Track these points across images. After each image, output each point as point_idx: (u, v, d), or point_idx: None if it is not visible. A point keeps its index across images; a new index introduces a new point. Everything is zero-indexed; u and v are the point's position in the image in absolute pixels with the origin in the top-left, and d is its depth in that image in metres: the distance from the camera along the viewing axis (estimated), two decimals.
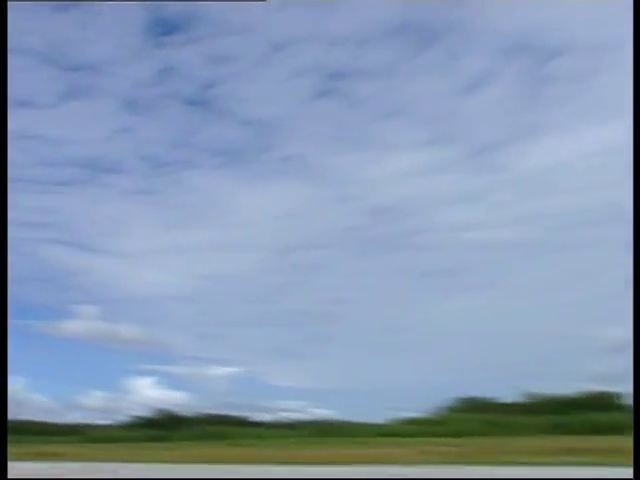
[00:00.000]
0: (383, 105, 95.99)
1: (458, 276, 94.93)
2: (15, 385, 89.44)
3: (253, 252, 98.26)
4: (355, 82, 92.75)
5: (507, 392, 71.85)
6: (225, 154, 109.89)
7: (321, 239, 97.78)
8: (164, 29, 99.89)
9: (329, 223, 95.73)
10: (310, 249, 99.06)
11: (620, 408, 57.20)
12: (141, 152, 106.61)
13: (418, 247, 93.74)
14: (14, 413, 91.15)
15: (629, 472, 9.36)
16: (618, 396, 62.35)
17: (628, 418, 35.48)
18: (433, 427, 59.76)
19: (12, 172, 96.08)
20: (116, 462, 32.56)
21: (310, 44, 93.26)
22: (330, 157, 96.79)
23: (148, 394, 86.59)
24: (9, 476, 11.31)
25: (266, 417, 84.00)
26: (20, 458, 36.88)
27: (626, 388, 56.06)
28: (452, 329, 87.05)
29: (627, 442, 10.83)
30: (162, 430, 72.14)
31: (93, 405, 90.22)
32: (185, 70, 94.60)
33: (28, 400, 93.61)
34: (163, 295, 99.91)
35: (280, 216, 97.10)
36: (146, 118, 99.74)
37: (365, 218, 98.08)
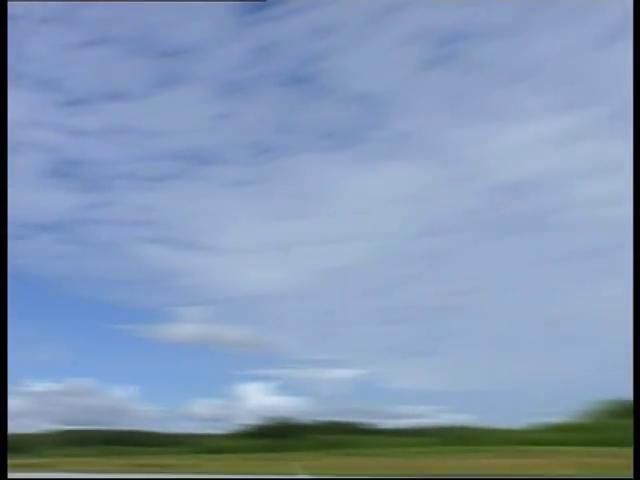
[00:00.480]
0: (506, 68, 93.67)
1: (606, 258, 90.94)
2: (125, 393, 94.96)
3: (368, 242, 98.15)
4: (473, 45, 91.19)
5: None
6: (332, 135, 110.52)
7: (443, 224, 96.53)
8: (255, 4, 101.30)
9: (451, 206, 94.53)
10: (431, 235, 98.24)
11: None
12: (241, 139, 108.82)
13: (555, 227, 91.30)
14: (126, 424, 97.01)
15: None
16: None
17: None
18: (586, 435, 57.77)
19: (110, 169, 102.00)
20: (228, 474, 33.43)
21: (419, 6, 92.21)
22: (449, 131, 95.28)
23: (260, 401, 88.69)
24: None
25: (391, 424, 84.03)
26: (129, 470, 38.74)
27: None
28: (602, 320, 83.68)
29: None
30: (276, 439, 73.69)
31: (203, 414, 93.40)
32: (282, 47, 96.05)
33: (139, 410, 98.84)
34: (272, 293, 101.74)
35: (396, 200, 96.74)
36: (244, 102, 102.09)
37: (492, 198, 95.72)
